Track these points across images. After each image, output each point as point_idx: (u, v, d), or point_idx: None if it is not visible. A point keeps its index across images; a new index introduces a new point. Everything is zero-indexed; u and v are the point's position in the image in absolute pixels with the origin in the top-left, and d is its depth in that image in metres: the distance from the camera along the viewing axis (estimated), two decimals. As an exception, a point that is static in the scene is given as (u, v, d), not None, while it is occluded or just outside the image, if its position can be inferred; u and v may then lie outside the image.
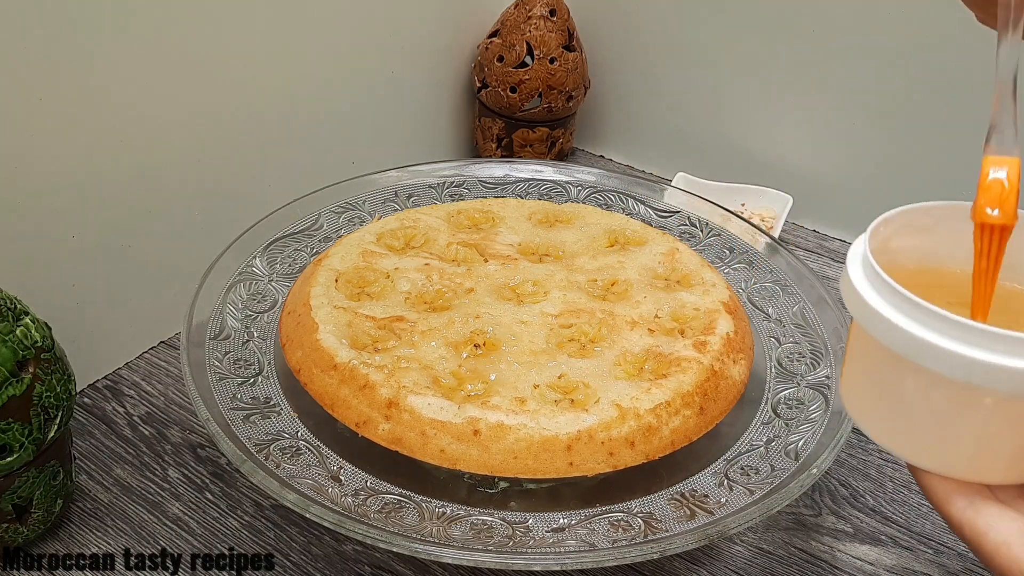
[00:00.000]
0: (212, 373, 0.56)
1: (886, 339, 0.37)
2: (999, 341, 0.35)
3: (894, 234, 0.42)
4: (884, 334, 0.37)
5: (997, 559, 0.35)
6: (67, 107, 0.63)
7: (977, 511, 0.36)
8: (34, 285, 0.62)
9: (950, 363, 0.35)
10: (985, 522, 0.36)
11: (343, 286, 0.62)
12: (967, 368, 0.35)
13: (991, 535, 0.35)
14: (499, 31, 0.97)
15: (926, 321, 0.36)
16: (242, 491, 0.63)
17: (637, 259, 0.66)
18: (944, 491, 0.37)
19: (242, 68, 0.75)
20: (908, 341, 0.36)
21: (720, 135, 1.00)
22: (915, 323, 0.36)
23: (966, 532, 0.36)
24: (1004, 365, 0.34)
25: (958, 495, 0.37)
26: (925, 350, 0.36)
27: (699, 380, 0.55)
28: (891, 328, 0.37)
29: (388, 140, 0.93)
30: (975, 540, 0.36)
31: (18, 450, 0.53)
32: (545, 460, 0.51)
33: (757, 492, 0.51)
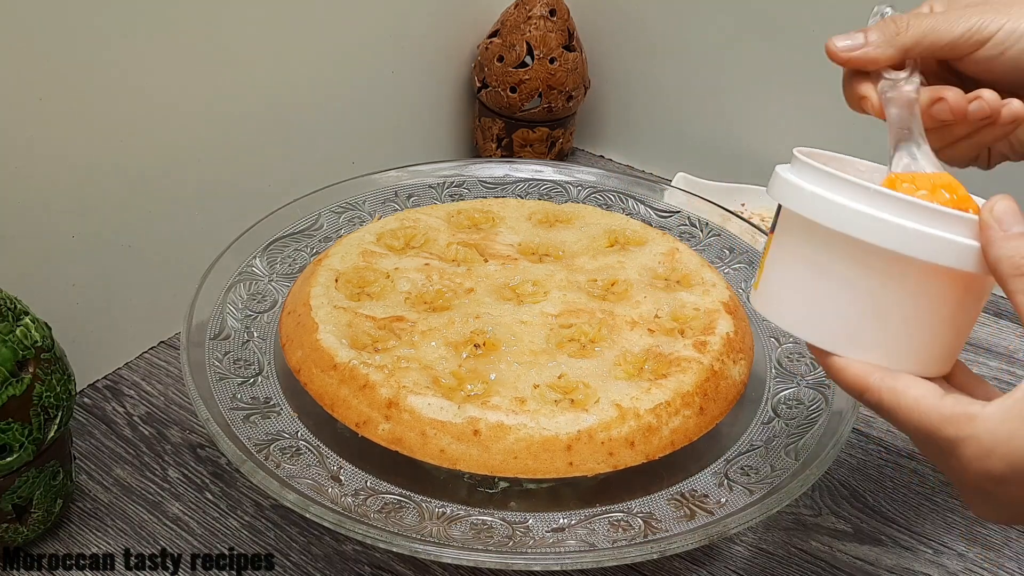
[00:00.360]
0: (212, 373, 0.56)
1: (810, 211, 0.41)
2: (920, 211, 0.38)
3: None
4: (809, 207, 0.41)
5: (916, 412, 0.39)
6: (67, 107, 0.63)
7: (895, 377, 0.40)
8: (34, 285, 0.62)
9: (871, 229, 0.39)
10: (903, 383, 0.40)
11: (343, 286, 0.62)
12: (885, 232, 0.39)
13: (910, 392, 0.39)
14: (499, 31, 0.97)
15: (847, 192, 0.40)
16: (242, 491, 0.63)
17: (637, 259, 0.66)
18: (861, 368, 0.41)
19: (242, 68, 0.75)
20: (829, 209, 0.40)
21: (720, 135, 1.00)
22: (834, 192, 0.40)
23: (884, 396, 0.40)
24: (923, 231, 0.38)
25: (875, 370, 0.41)
26: (849, 216, 0.39)
27: (699, 380, 0.55)
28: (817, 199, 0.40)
29: (388, 140, 0.93)
30: (894, 401, 0.40)
31: (18, 450, 0.53)
32: (545, 460, 0.51)
33: (757, 492, 0.51)
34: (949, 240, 0.38)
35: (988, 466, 0.37)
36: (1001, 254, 0.37)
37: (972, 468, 0.38)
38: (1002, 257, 0.37)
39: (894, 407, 0.40)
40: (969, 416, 0.37)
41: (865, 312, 0.41)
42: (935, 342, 0.42)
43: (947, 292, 0.40)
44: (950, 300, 0.41)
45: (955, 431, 0.38)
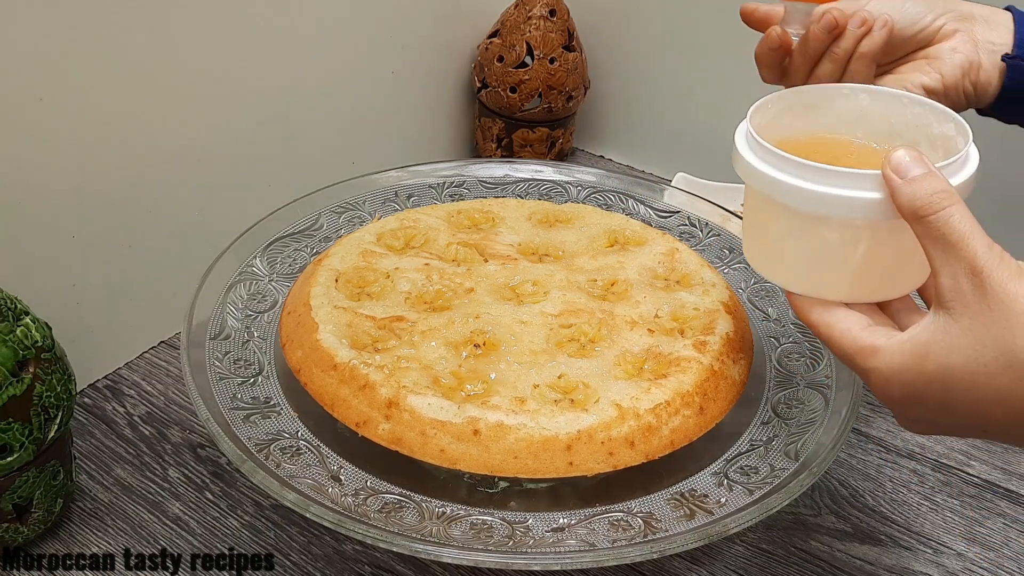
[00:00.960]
0: (212, 373, 0.56)
1: (756, 184, 0.47)
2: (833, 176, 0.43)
3: (781, 113, 0.52)
4: (755, 181, 0.47)
5: (842, 339, 0.45)
6: (67, 107, 0.63)
7: (831, 313, 0.46)
8: (34, 285, 0.62)
9: (796, 196, 0.45)
10: (835, 317, 0.46)
11: (343, 286, 0.62)
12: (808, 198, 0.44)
13: (839, 325, 0.45)
14: (499, 31, 0.97)
15: (780, 165, 0.45)
16: (242, 491, 0.63)
17: (637, 259, 0.66)
18: (807, 303, 0.47)
19: (243, 68, 0.75)
20: (768, 182, 0.46)
21: (720, 135, 1.00)
22: (772, 167, 0.46)
23: (821, 329, 0.46)
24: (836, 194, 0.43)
25: (817, 305, 0.47)
26: (777, 187, 0.45)
27: (699, 380, 0.55)
28: (758, 175, 0.46)
29: (388, 140, 0.93)
30: (827, 332, 0.46)
31: (18, 450, 0.53)
32: (545, 460, 0.51)
33: (757, 492, 0.51)
34: (853, 198, 0.43)
35: (890, 392, 0.43)
36: (902, 202, 0.41)
37: (880, 393, 0.43)
38: (903, 205, 0.41)
39: (827, 338, 0.46)
40: (874, 349, 0.43)
41: (804, 257, 0.47)
42: (866, 277, 0.46)
43: (863, 236, 0.45)
44: (870, 242, 0.45)
45: (863, 361, 0.43)
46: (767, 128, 0.49)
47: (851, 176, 0.43)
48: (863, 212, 0.43)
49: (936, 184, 0.41)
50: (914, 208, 0.41)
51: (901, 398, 0.43)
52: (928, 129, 0.49)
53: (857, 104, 0.52)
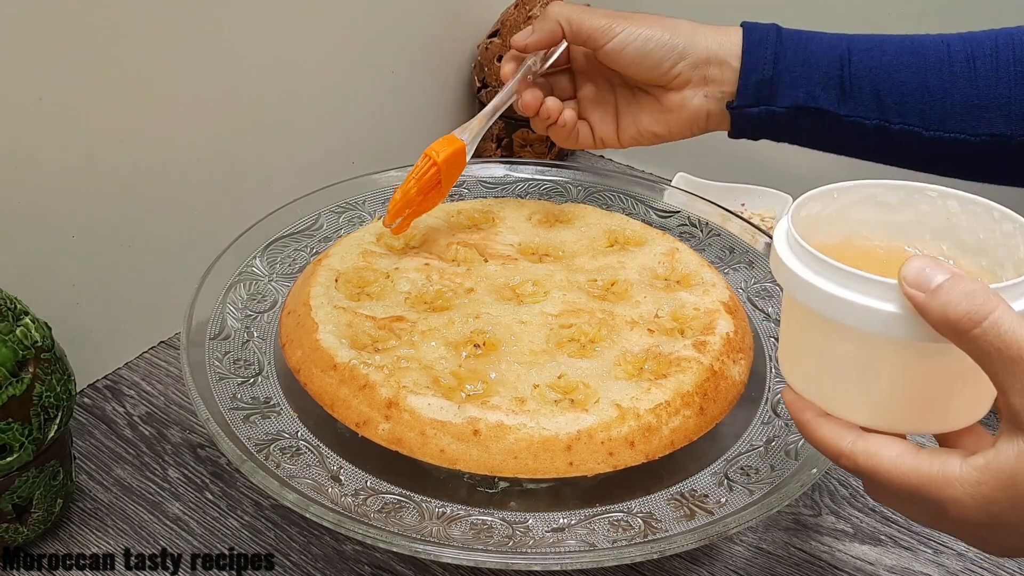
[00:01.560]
0: (212, 373, 0.56)
1: (796, 293, 0.40)
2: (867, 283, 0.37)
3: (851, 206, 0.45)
4: (796, 289, 0.40)
5: (898, 470, 0.38)
6: (67, 107, 0.63)
7: (867, 440, 0.40)
8: (34, 285, 0.62)
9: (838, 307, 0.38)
10: (877, 444, 0.39)
11: (343, 286, 0.62)
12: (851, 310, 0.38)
13: (885, 453, 0.39)
14: (499, 31, 0.97)
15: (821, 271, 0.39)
16: (242, 491, 0.63)
17: (637, 259, 0.66)
18: (833, 430, 0.41)
19: (242, 68, 0.75)
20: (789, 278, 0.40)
21: (720, 135, 1.00)
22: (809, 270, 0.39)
23: (860, 459, 0.39)
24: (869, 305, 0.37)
25: (846, 431, 0.40)
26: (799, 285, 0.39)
27: (699, 380, 0.55)
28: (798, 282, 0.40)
29: (388, 140, 0.93)
30: (871, 462, 0.39)
31: (18, 450, 0.53)
32: (545, 460, 0.51)
33: (757, 492, 0.51)
34: (871, 308, 0.37)
35: (978, 521, 0.37)
36: (935, 319, 0.36)
37: (961, 527, 0.38)
38: (937, 322, 0.36)
39: (872, 470, 0.39)
40: (947, 479, 0.37)
41: (832, 371, 0.41)
42: (917, 403, 0.40)
43: (902, 357, 0.39)
44: (909, 365, 0.39)
45: (936, 492, 0.37)
46: (831, 220, 0.44)
47: (868, 282, 0.37)
48: (883, 327, 0.37)
49: (968, 288, 0.35)
50: (952, 324, 0.35)
51: (990, 527, 0.37)
52: (1016, 252, 0.41)
53: (944, 210, 0.44)
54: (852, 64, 0.62)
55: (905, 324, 0.37)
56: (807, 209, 0.43)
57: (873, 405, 0.40)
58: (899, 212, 0.45)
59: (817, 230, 0.42)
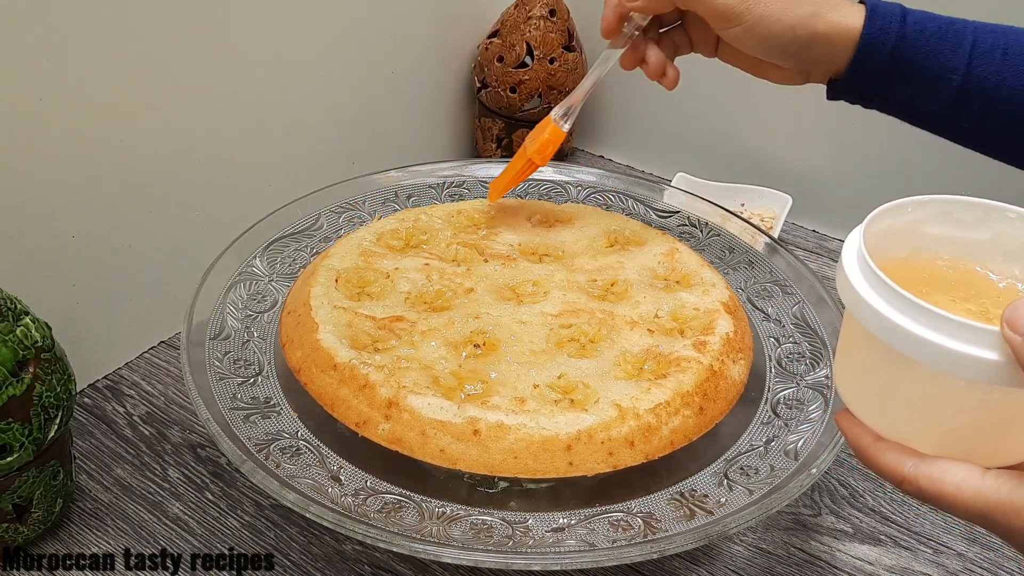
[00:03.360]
0: (212, 373, 0.56)
1: (866, 321, 0.38)
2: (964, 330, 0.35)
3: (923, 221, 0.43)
4: (865, 316, 0.38)
5: (963, 495, 0.37)
6: (67, 107, 0.63)
7: (929, 464, 0.39)
8: (34, 285, 0.62)
9: (923, 350, 0.36)
10: (940, 468, 0.38)
11: (343, 286, 0.62)
12: (936, 355, 0.36)
13: (948, 477, 0.38)
14: (499, 31, 0.97)
15: (901, 307, 0.37)
16: (242, 491, 0.63)
17: (637, 259, 0.66)
18: (894, 454, 0.40)
19: (242, 68, 0.75)
20: (885, 325, 0.37)
21: (720, 135, 1.00)
22: (893, 309, 0.37)
23: (923, 483, 0.38)
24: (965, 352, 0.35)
25: (906, 455, 0.39)
26: (896, 334, 0.37)
27: (699, 380, 0.55)
28: (870, 312, 0.38)
29: (388, 140, 0.93)
30: (935, 487, 0.38)
31: (18, 450, 0.53)
32: (545, 460, 0.51)
33: (757, 492, 0.51)
34: (970, 356, 0.35)
35: None
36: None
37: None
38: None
39: (936, 495, 0.38)
40: (1016, 506, 0.36)
41: (904, 405, 0.40)
42: (988, 438, 0.39)
43: (991, 394, 0.37)
44: (997, 400, 0.37)
45: (1005, 520, 0.36)
46: (901, 233, 0.42)
47: (962, 327, 0.35)
48: (973, 374, 0.36)
49: None
50: None
51: None
52: None
53: (1022, 232, 0.42)
54: (972, 69, 0.58)
55: (1000, 371, 0.35)
56: (879, 223, 0.41)
57: (942, 438, 0.39)
58: (974, 230, 0.42)
59: (886, 243, 0.41)
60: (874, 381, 0.41)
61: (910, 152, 0.88)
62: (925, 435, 0.39)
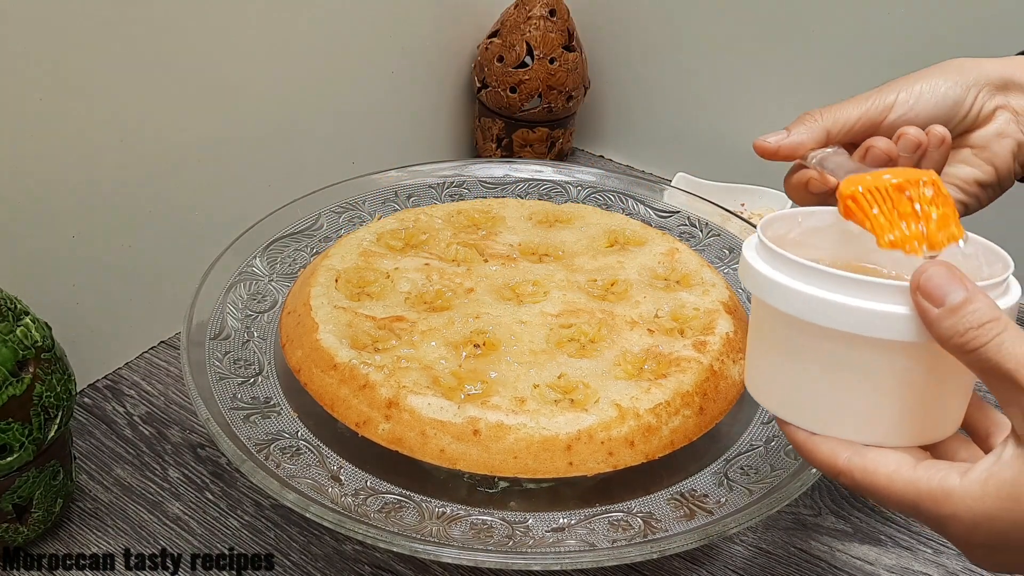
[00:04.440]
0: (212, 373, 0.56)
1: (775, 300, 0.39)
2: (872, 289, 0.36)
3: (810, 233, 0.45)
4: (773, 296, 0.39)
5: (895, 486, 0.38)
6: (67, 107, 0.63)
7: (862, 456, 0.39)
8: (34, 285, 0.62)
9: (831, 313, 0.37)
10: (873, 460, 0.39)
11: (343, 286, 0.62)
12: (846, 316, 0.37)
13: (881, 469, 0.38)
14: (499, 31, 0.97)
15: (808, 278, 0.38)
16: (242, 491, 0.63)
17: (637, 259, 0.66)
18: (828, 447, 0.40)
19: (242, 68, 0.75)
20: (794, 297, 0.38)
21: (720, 135, 1.00)
22: (800, 281, 0.38)
23: (857, 476, 0.39)
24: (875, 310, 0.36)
25: (841, 448, 0.40)
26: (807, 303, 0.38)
27: (699, 380, 0.55)
28: (778, 288, 0.39)
29: (388, 140, 0.93)
30: (868, 479, 0.39)
31: (18, 450, 0.53)
32: (545, 460, 0.51)
33: (757, 492, 0.51)
34: (883, 312, 0.36)
35: (975, 540, 0.37)
36: (941, 335, 0.36)
37: (961, 540, 0.38)
38: (942, 338, 0.36)
39: (870, 486, 0.39)
40: (946, 493, 0.37)
41: (823, 387, 0.40)
42: (904, 412, 0.39)
43: (902, 362, 0.38)
44: (909, 369, 0.38)
45: (935, 508, 0.37)
46: (796, 243, 0.44)
47: (880, 288, 0.37)
48: (895, 332, 0.37)
49: (979, 311, 0.35)
50: (957, 343, 0.35)
51: (991, 545, 0.37)
52: (979, 272, 0.42)
53: None
54: None
55: (912, 325, 0.36)
56: (773, 230, 0.43)
57: (865, 422, 0.40)
58: (863, 239, 0.43)
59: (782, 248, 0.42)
60: (789, 371, 0.41)
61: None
62: (849, 420, 0.40)
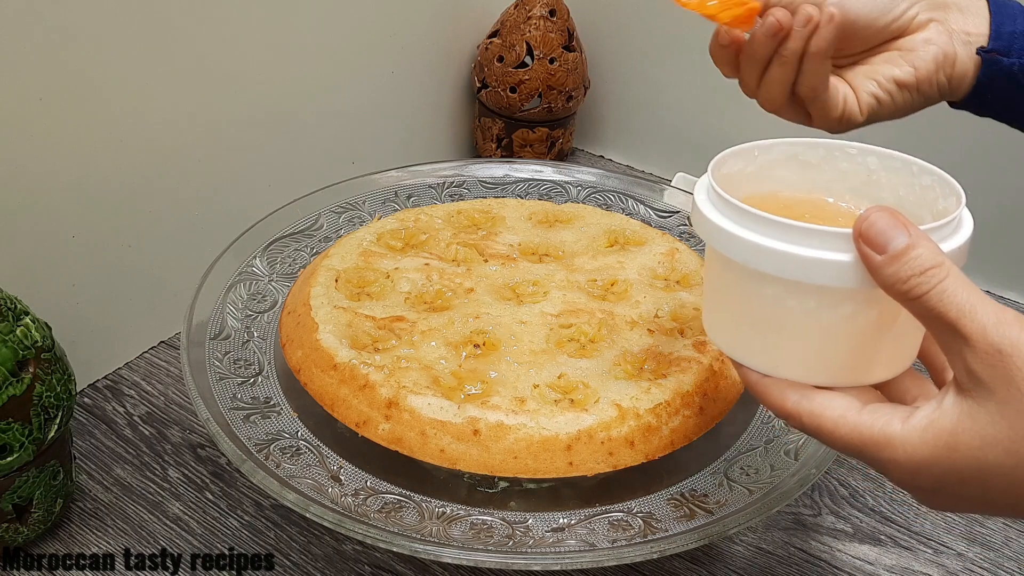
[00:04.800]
0: (212, 373, 0.57)
1: (722, 246, 0.40)
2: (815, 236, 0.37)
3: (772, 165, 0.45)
4: (720, 242, 0.40)
5: (840, 431, 0.38)
6: (67, 107, 0.63)
7: (810, 399, 0.39)
8: (34, 285, 0.62)
9: (774, 261, 0.37)
10: (820, 404, 0.39)
11: (343, 286, 0.62)
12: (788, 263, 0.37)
13: (827, 413, 0.39)
14: (499, 31, 0.97)
15: (753, 225, 0.38)
16: (242, 491, 0.63)
17: (637, 259, 0.66)
18: (778, 390, 0.41)
19: (242, 68, 0.75)
20: (739, 245, 0.39)
21: (720, 135, 1.00)
22: (745, 228, 0.38)
23: (804, 419, 0.39)
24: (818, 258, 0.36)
25: (791, 391, 0.40)
26: (751, 251, 0.38)
27: (699, 380, 0.55)
28: (724, 235, 0.39)
29: (388, 140, 0.93)
30: (815, 422, 0.39)
31: (18, 450, 0.53)
32: (545, 460, 0.51)
33: (757, 492, 0.51)
34: (826, 260, 0.36)
35: (917, 483, 0.37)
36: (884, 282, 0.36)
37: (904, 483, 0.38)
38: (885, 285, 0.36)
39: (816, 429, 0.39)
40: (887, 439, 0.37)
41: (771, 330, 0.40)
42: (852, 355, 0.39)
43: (848, 307, 0.38)
44: (855, 313, 0.39)
45: (877, 453, 0.37)
46: (753, 178, 0.44)
47: (822, 235, 0.37)
48: (837, 279, 0.37)
49: (921, 257, 0.35)
50: (899, 291, 0.35)
51: (930, 489, 0.38)
52: (934, 204, 0.43)
53: (864, 166, 0.45)
54: None
55: (856, 271, 0.36)
56: (728, 166, 0.43)
57: (813, 364, 0.40)
58: (820, 170, 0.45)
59: (739, 188, 0.41)
60: (741, 317, 0.41)
61: (910, 150, 0.87)
62: (798, 363, 0.40)
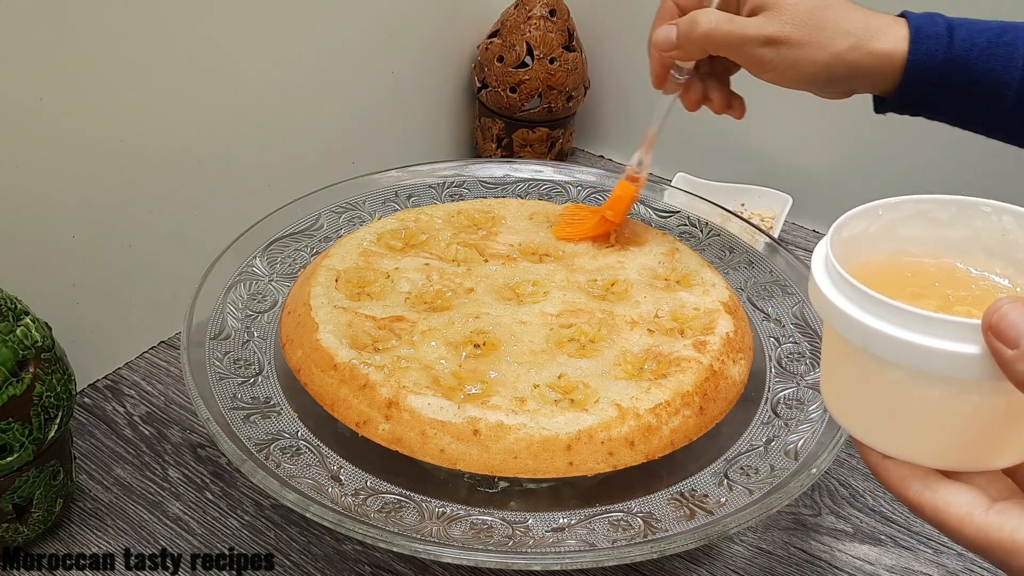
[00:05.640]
0: (212, 373, 0.56)
1: (840, 328, 0.38)
2: (941, 326, 0.35)
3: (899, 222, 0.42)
4: (838, 323, 0.38)
5: (966, 530, 0.36)
6: (67, 107, 0.63)
7: (934, 491, 0.38)
8: (34, 285, 0.62)
9: (897, 350, 0.36)
10: (944, 499, 0.37)
11: (343, 286, 0.62)
12: (912, 353, 0.35)
13: (952, 509, 0.37)
14: (499, 31, 0.97)
15: (874, 310, 0.36)
16: (242, 491, 0.63)
17: (637, 259, 0.66)
18: (900, 476, 0.39)
19: (242, 68, 0.75)
20: (858, 329, 0.37)
21: (720, 135, 1.00)
22: (865, 312, 0.36)
23: (927, 512, 0.38)
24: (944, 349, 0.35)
25: (913, 479, 0.38)
26: (872, 337, 0.36)
27: (699, 380, 0.55)
28: (843, 317, 0.37)
29: (388, 140, 0.93)
30: (938, 517, 0.37)
31: (18, 450, 0.53)
32: (545, 460, 0.51)
33: (757, 492, 0.51)
34: (952, 352, 0.34)
35: None
36: (1018, 379, 0.33)
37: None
38: (1020, 383, 0.33)
39: (940, 525, 0.38)
40: (1017, 546, 0.35)
41: (892, 413, 0.38)
42: (978, 442, 0.38)
43: (974, 397, 0.36)
44: (982, 403, 0.37)
45: (1005, 558, 0.36)
46: (877, 237, 0.41)
47: (948, 325, 0.34)
48: (965, 371, 0.35)
49: None
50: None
51: None
52: (1018, 244, 0.40)
53: (1000, 226, 0.41)
54: None
55: (983, 364, 0.34)
56: (849, 228, 0.40)
57: (938, 450, 0.38)
58: (951, 228, 0.42)
59: (860, 249, 0.40)
60: (861, 396, 0.40)
61: (911, 151, 0.88)
62: (920, 446, 0.38)
